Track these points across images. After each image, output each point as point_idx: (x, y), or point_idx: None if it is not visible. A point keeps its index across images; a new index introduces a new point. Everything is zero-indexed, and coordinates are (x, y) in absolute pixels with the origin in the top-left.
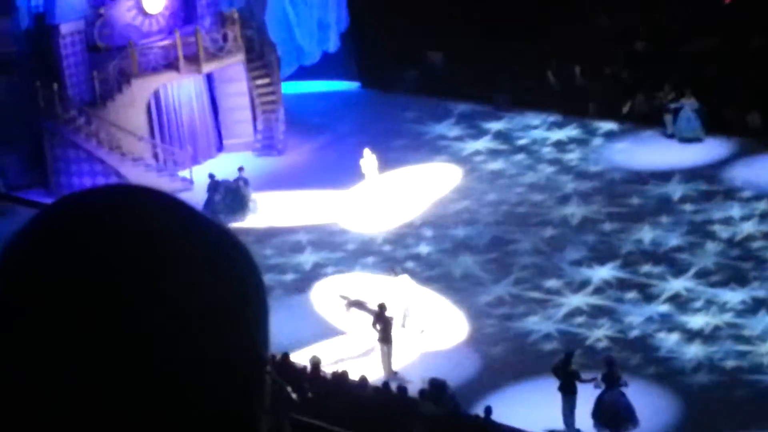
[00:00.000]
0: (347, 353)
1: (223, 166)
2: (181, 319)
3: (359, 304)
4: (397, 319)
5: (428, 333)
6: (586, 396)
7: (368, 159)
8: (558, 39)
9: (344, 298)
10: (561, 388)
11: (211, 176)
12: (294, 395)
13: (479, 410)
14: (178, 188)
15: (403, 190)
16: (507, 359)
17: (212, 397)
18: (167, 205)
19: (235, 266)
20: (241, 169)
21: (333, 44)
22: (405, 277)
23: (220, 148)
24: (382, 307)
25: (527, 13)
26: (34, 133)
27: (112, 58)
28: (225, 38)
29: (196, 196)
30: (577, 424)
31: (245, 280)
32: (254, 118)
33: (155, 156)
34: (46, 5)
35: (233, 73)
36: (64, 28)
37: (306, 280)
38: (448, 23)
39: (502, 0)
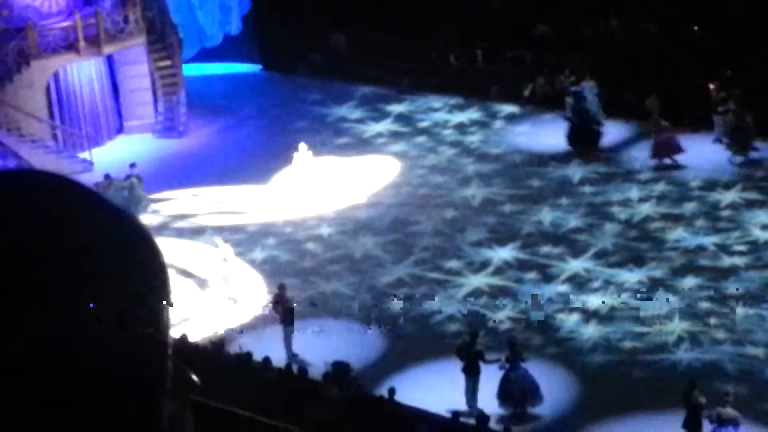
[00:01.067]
0: (247, 334)
1: (123, 147)
2: (80, 307)
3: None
4: (216, 286)
5: (240, 303)
6: (488, 376)
7: (302, 152)
8: (460, 22)
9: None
10: (465, 369)
11: (107, 176)
12: (195, 378)
13: (383, 392)
14: (78, 170)
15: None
16: (409, 340)
17: (113, 384)
18: (68, 191)
19: (137, 252)
20: (133, 165)
21: (235, 26)
22: (227, 247)
23: (121, 129)
24: (281, 289)
25: None
26: None
27: (10, 39)
28: (126, 20)
29: (96, 178)
30: (480, 405)
31: (147, 266)
32: (155, 100)
33: (54, 137)
34: None
35: (134, 54)
36: None
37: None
38: (351, 6)
39: None
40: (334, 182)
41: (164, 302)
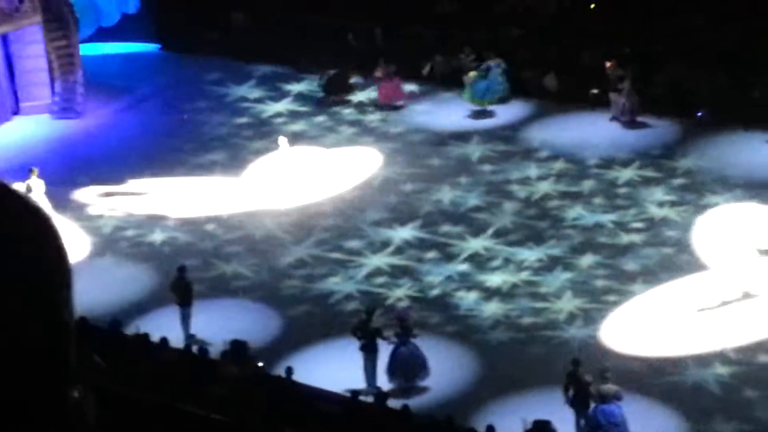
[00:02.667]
0: (150, 317)
1: (20, 129)
2: None
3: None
4: None
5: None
6: (386, 354)
7: (283, 146)
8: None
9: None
10: (362, 348)
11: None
12: (99, 361)
13: (281, 371)
14: None
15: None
16: (308, 320)
17: (17, 370)
18: None
19: (39, 241)
20: (31, 170)
21: (132, 5)
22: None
23: (17, 111)
24: (181, 270)
25: None
26: None
27: None
28: (21, 0)
29: None
30: (379, 383)
31: (47, 253)
32: (52, 81)
33: None
34: None
35: (29, 34)
36: None
37: (111, 238)
38: None
39: None
40: (236, 161)
41: (67, 289)
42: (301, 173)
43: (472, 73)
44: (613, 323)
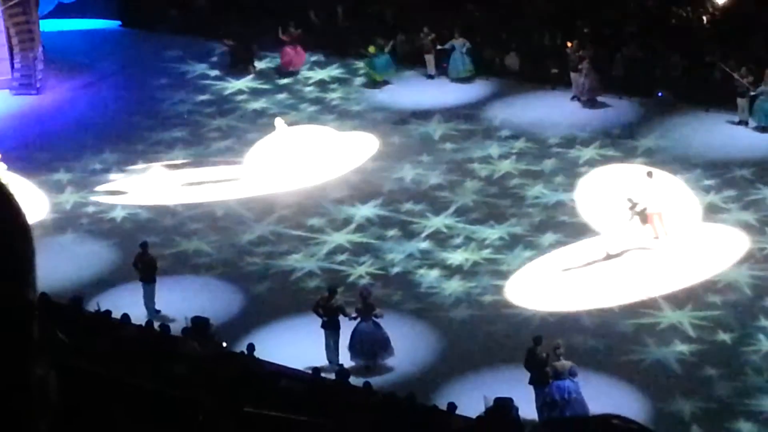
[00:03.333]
0: (112, 293)
1: None
2: None
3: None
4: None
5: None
6: (348, 331)
7: (280, 127)
8: None
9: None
10: (324, 325)
11: None
12: (63, 337)
13: (243, 348)
14: None
15: None
16: (270, 297)
17: None
18: None
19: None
20: None
21: None
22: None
23: None
24: (143, 247)
25: None
26: None
27: None
28: None
29: None
30: (341, 360)
31: (9, 229)
32: (11, 56)
33: None
34: None
35: None
36: None
37: (72, 215)
38: None
39: None
40: (195, 139)
41: (29, 265)
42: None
43: (372, 48)
44: (573, 300)
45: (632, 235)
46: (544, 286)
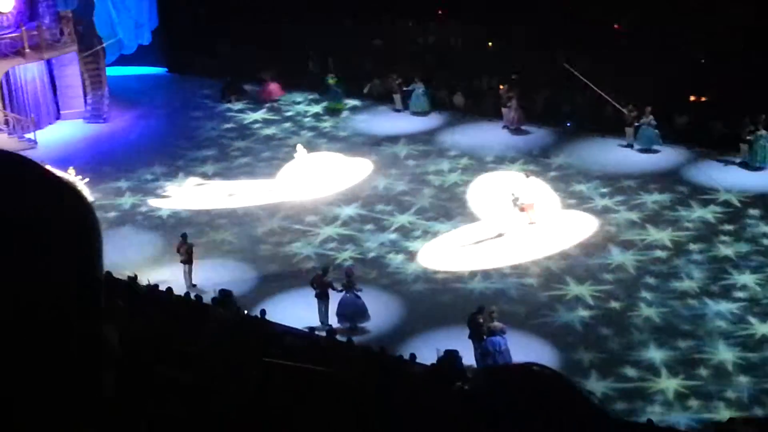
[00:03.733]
0: (158, 271)
1: (60, 130)
2: (36, 253)
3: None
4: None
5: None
6: (335, 301)
7: (300, 152)
8: (317, 35)
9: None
10: (318, 295)
11: None
12: (121, 303)
13: (257, 312)
14: (25, 147)
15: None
16: (278, 274)
17: (61, 309)
18: (19, 165)
19: (74, 209)
20: (68, 170)
21: (146, 39)
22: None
23: (58, 116)
24: (183, 237)
25: (294, 15)
26: None
27: None
28: (62, 32)
29: (39, 155)
30: (329, 322)
31: (82, 220)
32: (85, 94)
33: (6, 122)
34: None
35: (68, 59)
36: None
37: (129, 214)
38: (233, 23)
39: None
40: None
41: (99, 249)
42: (271, 165)
43: (331, 79)
44: (503, 279)
45: (515, 222)
46: (482, 267)
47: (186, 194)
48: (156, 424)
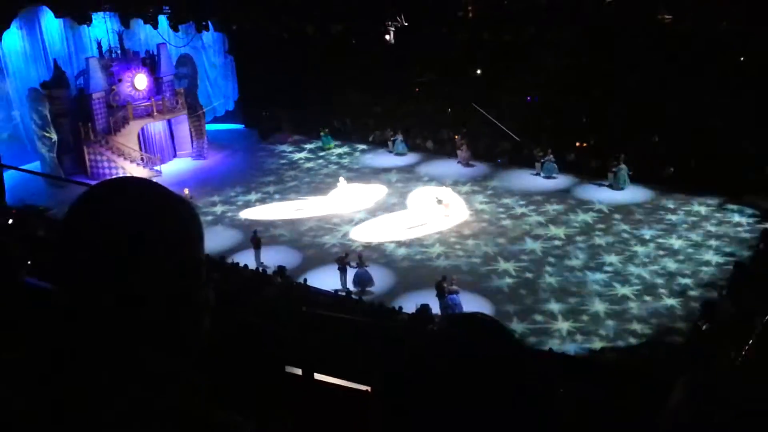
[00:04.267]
0: (239, 254)
1: (177, 164)
2: (167, 245)
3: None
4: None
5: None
6: (351, 274)
7: (342, 185)
8: (336, 104)
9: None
10: (339, 269)
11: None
12: (213, 276)
13: (301, 280)
14: (154, 176)
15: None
16: (314, 256)
17: (182, 278)
18: (151, 186)
19: (187, 216)
20: (184, 190)
21: (231, 105)
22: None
23: (174, 155)
24: (255, 232)
25: (323, 90)
26: (80, 148)
27: (119, 111)
28: (177, 102)
29: (163, 179)
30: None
31: (193, 223)
32: (192, 141)
33: (142, 159)
34: (85, 83)
35: (181, 119)
36: (95, 95)
37: (220, 217)
38: (295, 89)
39: (342, 67)
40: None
41: (202, 239)
42: (306, 186)
43: (324, 131)
44: (460, 258)
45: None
46: (444, 251)
47: (256, 205)
48: (231, 356)
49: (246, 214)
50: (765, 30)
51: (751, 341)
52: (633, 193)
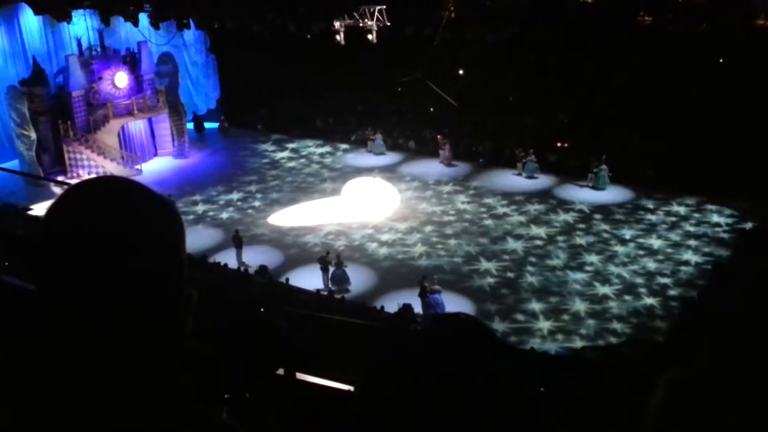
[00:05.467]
0: (220, 253)
1: (157, 163)
2: (148, 244)
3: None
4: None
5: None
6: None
7: (377, 182)
8: (321, 101)
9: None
10: (321, 269)
11: None
12: (198, 275)
13: (282, 279)
14: (134, 174)
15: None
16: (297, 255)
17: (164, 274)
18: (132, 185)
19: (169, 216)
20: (168, 195)
21: (212, 103)
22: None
23: (155, 154)
24: (236, 231)
25: (307, 90)
26: (59, 146)
27: (99, 109)
28: (158, 100)
29: (143, 178)
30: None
31: (174, 223)
32: (173, 139)
33: (122, 157)
34: (64, 81)
35: (162, 117)
36: (75, 93)
37: (200, 218)
38: (277, 87)
39: (325, 68)
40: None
41: (183, 241)
42: (291, 185)
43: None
44: (442, 258)
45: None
46: (427, 251)
47: (238, 204)
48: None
49: (227, 213)
50: (743, 32)
51: (728, 341)
52: (613, 194)
